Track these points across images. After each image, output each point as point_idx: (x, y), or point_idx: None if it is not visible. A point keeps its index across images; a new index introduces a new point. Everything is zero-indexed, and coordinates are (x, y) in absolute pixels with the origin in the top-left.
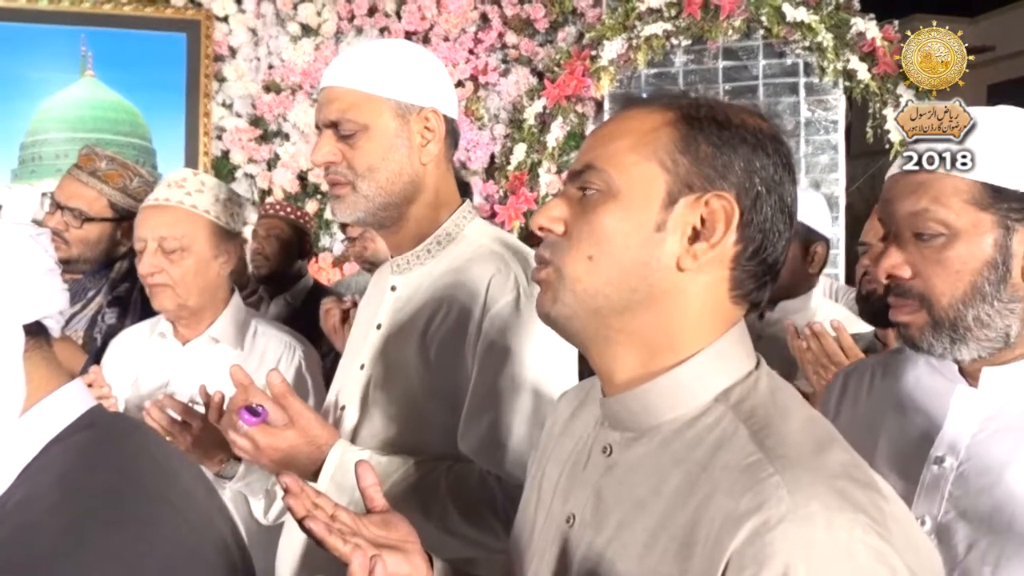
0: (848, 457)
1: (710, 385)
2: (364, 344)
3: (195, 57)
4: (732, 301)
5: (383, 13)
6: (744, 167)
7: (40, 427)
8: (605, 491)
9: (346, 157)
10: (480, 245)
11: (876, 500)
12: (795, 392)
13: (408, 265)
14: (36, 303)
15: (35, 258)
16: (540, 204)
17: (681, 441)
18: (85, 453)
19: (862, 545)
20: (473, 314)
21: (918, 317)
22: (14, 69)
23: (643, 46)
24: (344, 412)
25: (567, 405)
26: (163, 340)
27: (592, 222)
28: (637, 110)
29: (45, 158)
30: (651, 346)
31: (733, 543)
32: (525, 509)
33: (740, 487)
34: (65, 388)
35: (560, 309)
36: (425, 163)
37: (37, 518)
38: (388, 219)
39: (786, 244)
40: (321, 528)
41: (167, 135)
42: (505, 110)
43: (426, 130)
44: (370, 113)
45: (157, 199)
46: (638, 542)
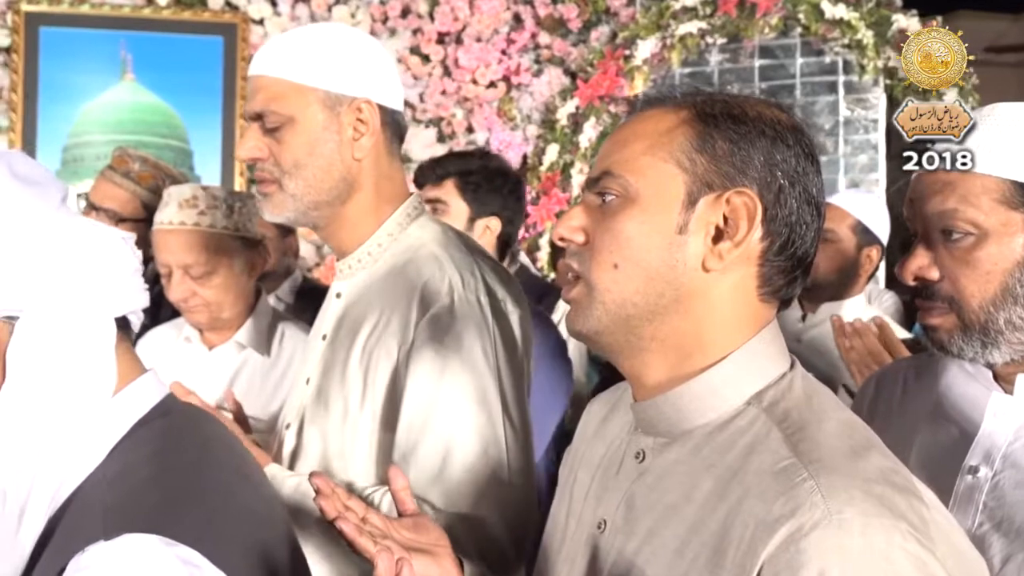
0: (887, 463)
1: (743, 387)
2: (311, 356)
3: (231, 60)
4: (761, 299)
5: (416, 15)
6: (764, 161)
7: (127, 410)
8: (637, 497)
9: (272, 152)
10: (421, 246)
11: (917, 507)
12: (831, 395)
13: (351, 270)
14: (125, 299)
15: (125, 258)
16: (572, 205)
17: (713, 445)
18: (171, 434)
19: (901, 552)
20: (408, 323)
21: (947, 320)
22: (57, 73)
23: (677, 45)
24: (287, 430)
25: (600, 408)
26: (189, 345)
27: (613, 229)
28: (651, 111)
29: (86, 160)
30: (681, 350)
31: (766, 549)
32: (556, 513)
33: (773, 492)
34: (145, 377)
35: (592, 324)
36: (359, 158)
37: (138, 483)
38: (321, 219)
39: (815, 236)
40: (352, 529)
41: (204, 137)
42: (537, 111)
43: (359, 122)
44: (296, 104)
45: (172, 222)
46: (668, 548)
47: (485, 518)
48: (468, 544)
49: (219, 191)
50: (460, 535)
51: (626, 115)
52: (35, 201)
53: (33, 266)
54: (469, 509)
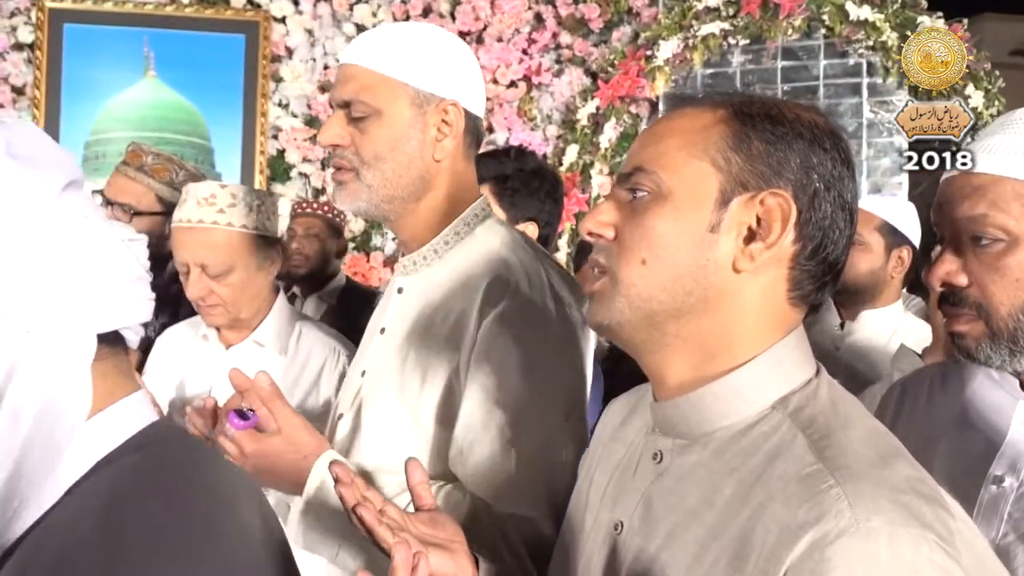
0: (914, 472)
1: (767, 392)
2: (368, 349)
3: (253, 58)
4: (790, 303)
5: (437, 14)
6: (800, 163)
7: (94, 442)
8: (655, 499)
9: (354, 141)
10: (488, 247)
11: (943, 517)
12: (857, 402)
13: (415, 267)
14: (116, 313)
15: (124, 265)
16: (592, 205)
17: (735, 449)
18: (137, 478)
19: (928, 563)
20: (469, 322)
21: (975, 327)
22: (80, 70)
23: (699, 46)
24: (340, 421)
25: (619, 411)
26: (206, 343)
27: (643, 225)
28: (687, 109)
29: (108, 156)
30: (706, 350)
31: (790, 556)
32: (572, 514)
33: (798, 498)
34: (122, 403)
35: (613, 316)
36: (439, 159)
37: (84, 539)
38: (392, 213)
39: (847, 242)
40: (372, 518)
41: (225, 134)
42: (558, 111)
43: (444, 124)
44: (385, 97)
45: (190, 220)
46: (688, 552)
47: (537, 518)
48: (518, 542)
49: (238, 189)
50: (511, 533)
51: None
52: (29, 187)
53: (7, 266)
54: (522, 508)
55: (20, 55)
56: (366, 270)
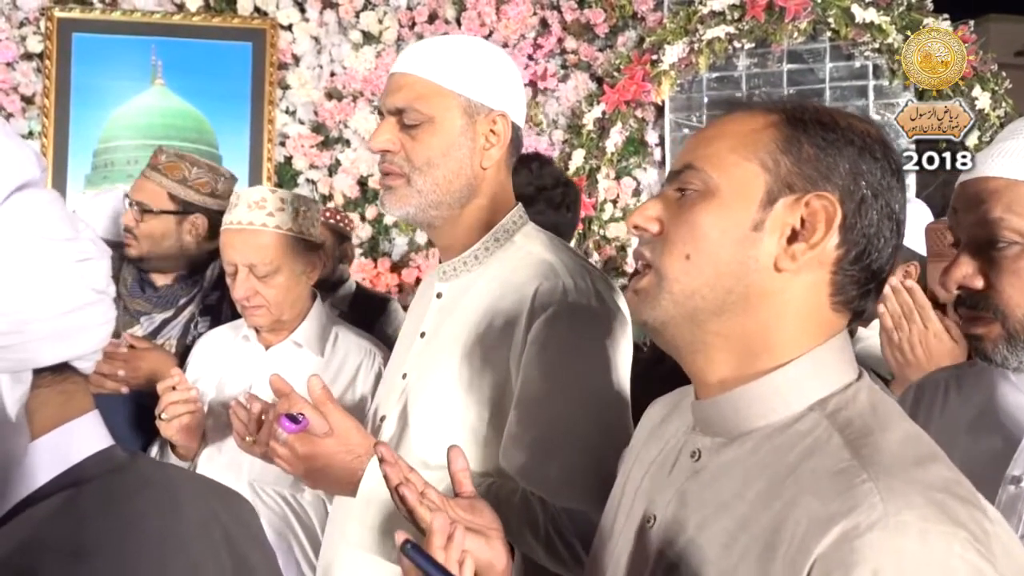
0: (951, 474)
1: (807, 393)
2: (408, 353)
3: (260, 65)
4: (833, 308)
5: (443, 20)
6: (849, 169)
7: (18, 479)
8: (689, 494)
9: (405, 148)
10: (529, 252)
11: (979, 518)
12: (898, 408)
13: (455, 272)
14: (56, 346)
15: (71, 290)
16: (598, 210)
17: (770, 446)
18: (54, 523)
19: (960, 561)
20: (518, 325)
21: (992, 330)
22: (89, 79)
23: (705, 50)
24: (384, 423)
25: (659, 410)
26: (247, 343)
27: (689, 221)
28: (740, 113)
29: (117, 164)
30: (747, 349)
31: (819, 546)
32: (608, 510)
33: (830, 491)
34: (57, 432)
35: (658, 314)
36: (485, 167)
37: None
38: (438, 219)
39: (893, 252)
40: (414, 496)
41: (232, 142)
42: (564, 115)
43: (492, 133)
44: (438, 106)
45: (240, 222)
46: (717, 542)
47: (587, 512)
48: (572, 536)
49: (286, 194)
50: (565, 526)
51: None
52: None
53: None
54: (575, 502)
55: (29, 64)
56: (373, 275)
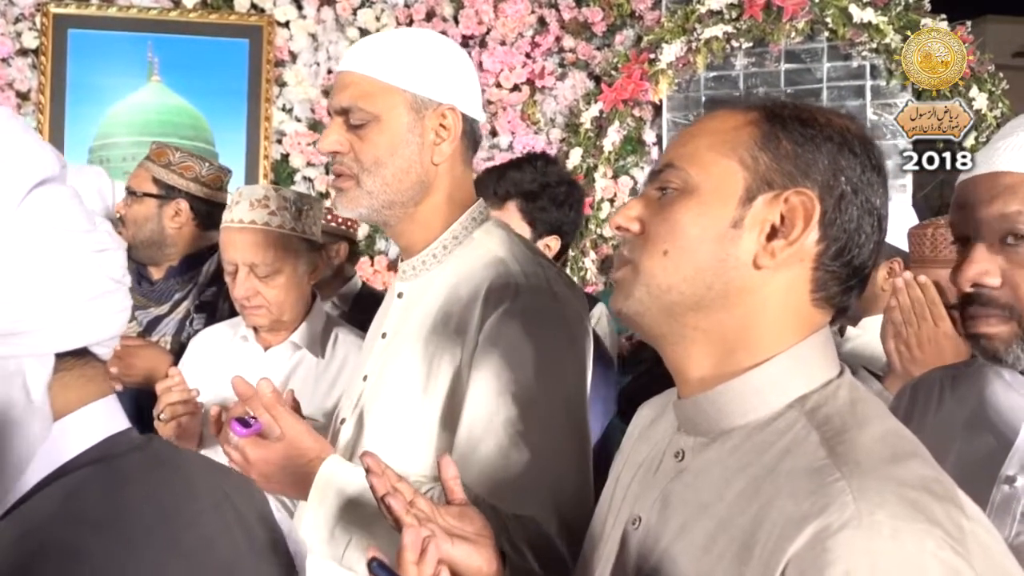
0: (929, 471)
1: (787, 390)
2: (370, 354)
3: (257, 62)
4: (814, 304)
5: (440, 18)
6: (828, 165)
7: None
8: (672, 495)
9: (353, 148)
10: (487, 250)
11: (955, 516)
12: (880, 405)
13: (415, 271)
14: (76, 331)
15: (90, 280)
16: (595, 209)
17: (749, 446)
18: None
19: (934, 560)
20: (470, 325)
21: (1004, 328)
22: (85, 75)
23: (703, 49)
24: (343, 425)
25: (649, 412)
26: (245, 344)
27: (669, 219)
28: (720, 111)
29: (113, 161)
30: (727, 345)
31: (792, 547)
32: (598, 513)
33: (803, 490)
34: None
35: (632, 305)
36: (437, 163)
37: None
38: (393, 218)
39: (875, 248)
40: (401, 507)
41: (229, 139)
42: (561, 114)
43: (441, 128)
44: (383, 104)
45: (242, 220)
46: (697, 544)
47: (540, 518)
48: (522, 543)
49: (289, 193)
50: (515, 533)
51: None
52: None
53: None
54: (525, 509)
55: (25, 60)
56: (370, 274)
